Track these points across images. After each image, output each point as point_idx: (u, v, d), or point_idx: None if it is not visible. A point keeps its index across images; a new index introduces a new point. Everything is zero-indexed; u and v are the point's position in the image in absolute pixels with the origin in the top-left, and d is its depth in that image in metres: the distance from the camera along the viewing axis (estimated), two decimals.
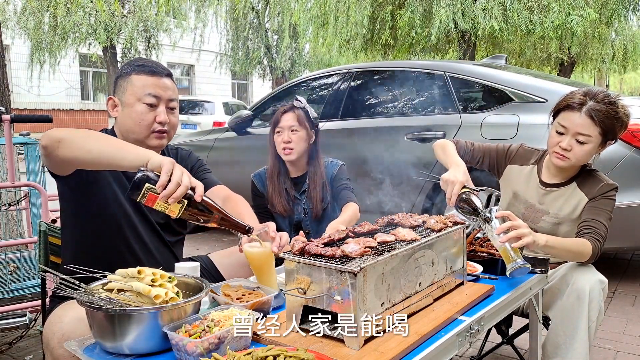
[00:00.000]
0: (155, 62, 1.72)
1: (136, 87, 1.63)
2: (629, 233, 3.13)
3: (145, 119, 1.63)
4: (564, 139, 1.80)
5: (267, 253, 1.48)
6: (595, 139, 1.78)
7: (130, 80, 1.64)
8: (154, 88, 1.64)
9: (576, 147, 1.79)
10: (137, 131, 1.64)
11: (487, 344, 2.36)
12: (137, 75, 1.64)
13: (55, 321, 1.37)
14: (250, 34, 17.77)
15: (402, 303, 1.27)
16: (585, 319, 1.71)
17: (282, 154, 2.39)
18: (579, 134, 1.77)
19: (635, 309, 3.04)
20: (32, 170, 3.09)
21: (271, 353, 1.03)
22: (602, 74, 16.40)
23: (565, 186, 1.91)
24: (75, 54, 16.47)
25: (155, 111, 1.64)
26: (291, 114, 2.40)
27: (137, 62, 1.68)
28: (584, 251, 1.71)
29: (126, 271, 1.23)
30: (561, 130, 1.81)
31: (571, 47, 10.80)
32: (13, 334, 2.46)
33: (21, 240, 2.90)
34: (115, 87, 1.70)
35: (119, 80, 1.68)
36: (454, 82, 3.76)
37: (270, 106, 4.98)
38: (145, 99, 1.63)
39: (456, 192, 1.70)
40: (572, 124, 1.78)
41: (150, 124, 1.64)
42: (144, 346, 1.13)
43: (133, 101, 1.63)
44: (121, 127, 1.68)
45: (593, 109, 1.75)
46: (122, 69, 1.69)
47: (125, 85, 1.65)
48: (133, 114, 1.63)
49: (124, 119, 1.66)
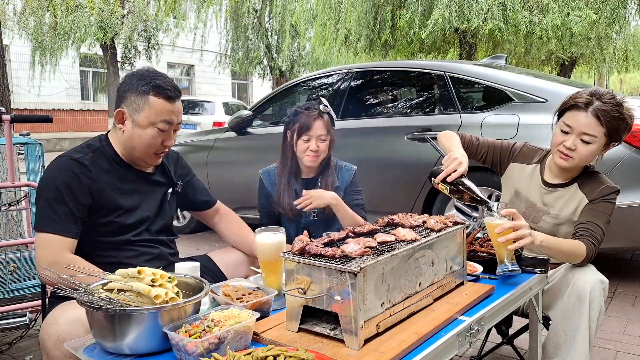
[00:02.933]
0: (170, 82, 1.69)
1: (152, 112, 1.64)
2: (629, 233, 3.12)
3: (155, 142, 1.68)
4: (568, 138, 1.79)
5: (279, 245, 1.49)
6: (600, 139, 1.77)
7: (148, 102, 1.63)
8: (169, 115, 1.66)
9: (580, 147, 1.78)
10: (142, 151, 1.69)
11: (487, 344, 2.36)
12: (155, 97, 1.64)
13: (52, 323, 1.37)
14: (250, 34, 17.77)
15: (402, 303, 1.27)
16: (585, 319, 1.71)
17: (307, 158, 2.28)
18: (584, 134, 1.76)
19: (635, 309, 3.04)
20: (32, 170, 3.09)
21: (271, 353, 1.03)
22: (602, 74, 16.40)
23: (566, 187, 1.90)
24: (76, 54, 16.48)
25: (164, 135, 1.68)
26: (321, 121, 2.28)
27: (155, 82, 1.64)
28: (578, 253, 1.71)
29: (126, 271, 1.23)
30: (566, 129, 1.80)
31: (570, 48, 10.80)
32: (13, 334, 2.46)
33: (21, 241, 2.89)
34: (126, 100, 1.66)
35: (132, 95, 1.65)
36: (454, 82, 3.76)
37: (271, 106, 4.98)
38: (159, 125, 1.66)
39: (460, 171, 1.70)
40: (578, 124, 1.77)
41: (157, 146, 1.69)
42: (144, 346, 1.13)
43: (146, 124, 1.65)
44: (126, 143, 1.69)
45: (599, 109, 1.74)
46: (138, 85, 1.64)
47: (140, 104, 1.64)
48: (144, 136, 1.66)
49: (132, 137, 1.67)
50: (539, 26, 9.05)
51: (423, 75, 4.11)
